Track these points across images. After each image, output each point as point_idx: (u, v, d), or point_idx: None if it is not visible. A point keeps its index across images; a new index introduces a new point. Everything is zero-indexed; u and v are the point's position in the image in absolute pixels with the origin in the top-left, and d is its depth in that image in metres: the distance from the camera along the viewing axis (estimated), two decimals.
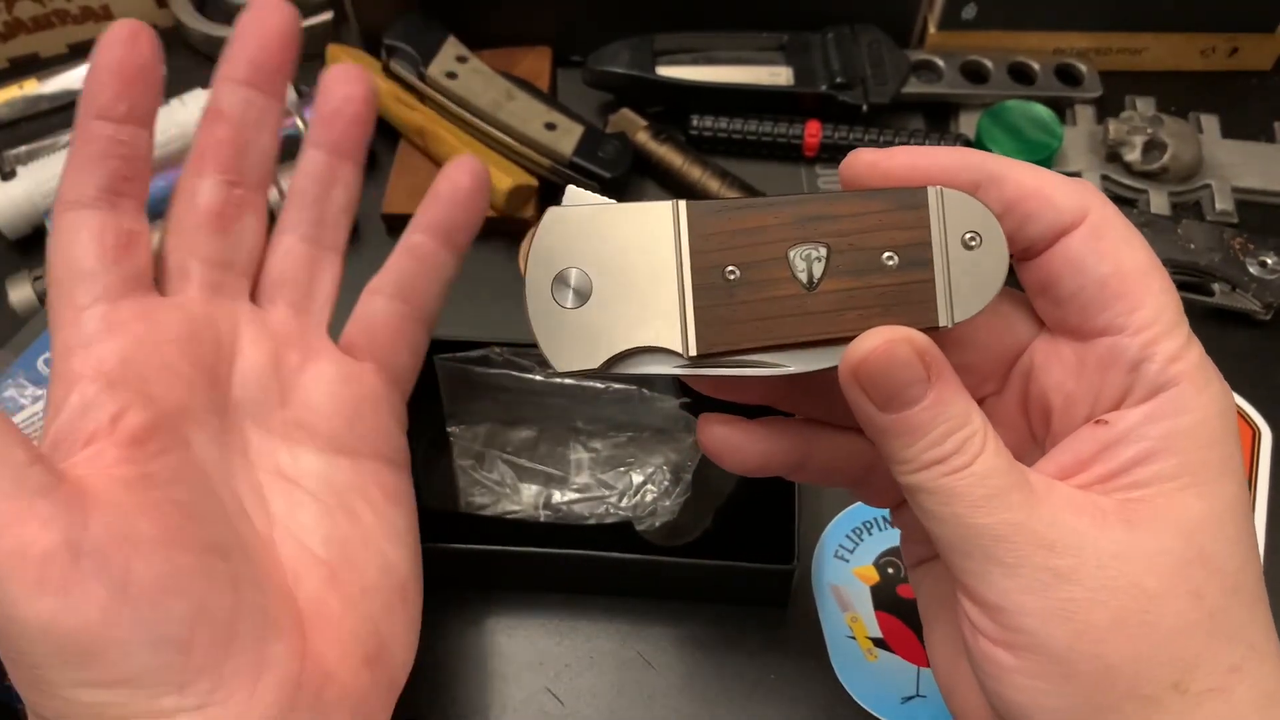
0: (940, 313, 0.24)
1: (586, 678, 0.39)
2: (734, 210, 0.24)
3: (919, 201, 0.24)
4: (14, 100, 0.57)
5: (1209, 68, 0.59)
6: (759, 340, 0.24)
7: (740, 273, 0.24)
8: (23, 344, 0.44)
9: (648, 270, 0.24)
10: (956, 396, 0.23)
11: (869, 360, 0.23)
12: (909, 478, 0.23)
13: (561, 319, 0.24)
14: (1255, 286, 0.48)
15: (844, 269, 0.24)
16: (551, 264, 0.24)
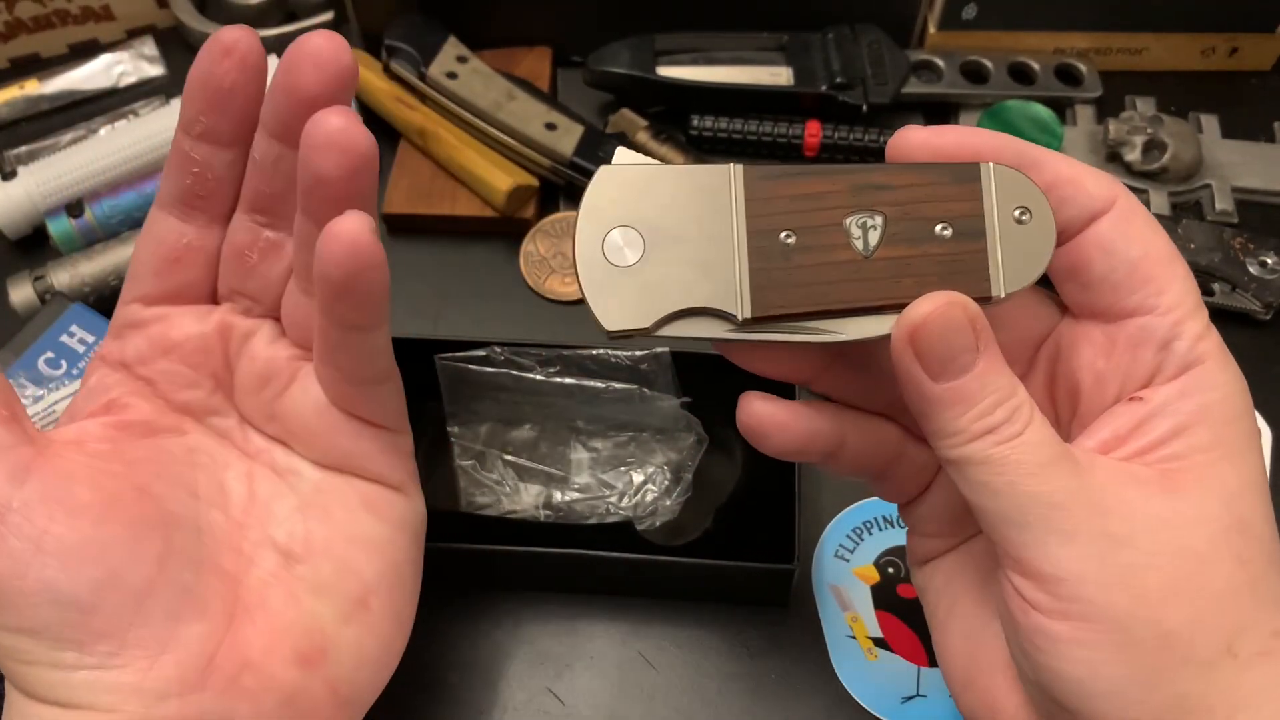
0: (994, 283, 0.24)
1: (587, 677, 0.39)
2: (791, 176, 0.24)
3: (973, 175, 0.24)
4: (14, 100, 0.58)
5: (1209, 68, 0.59)
6: (815, 304, 0.24)
7: (797, 238, 0.24)
8: (23, 344, 0.44)
9: (701, 232, 0.24)
10: (1003, 367, 0.24)
11: (927, 323, 0.23)
12: (960, 450, 0.24)
13: (612, 277, 0.24)
14: (1255, 286, 0.48)
15: (900, 237, 0.24)
16: (603, 221, 0.24)
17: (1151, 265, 0.25)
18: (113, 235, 0.50)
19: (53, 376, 0.43)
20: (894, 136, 0.26)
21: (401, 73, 0.53)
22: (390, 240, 0.53)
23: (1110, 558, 0.23)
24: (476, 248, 0.52)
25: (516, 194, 0.51)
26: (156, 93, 0.58)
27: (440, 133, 0.52)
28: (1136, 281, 0.25)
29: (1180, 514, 0.23)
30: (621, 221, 0.24)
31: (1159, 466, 0.24)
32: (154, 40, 0.60)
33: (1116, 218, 0.25)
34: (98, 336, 0.44)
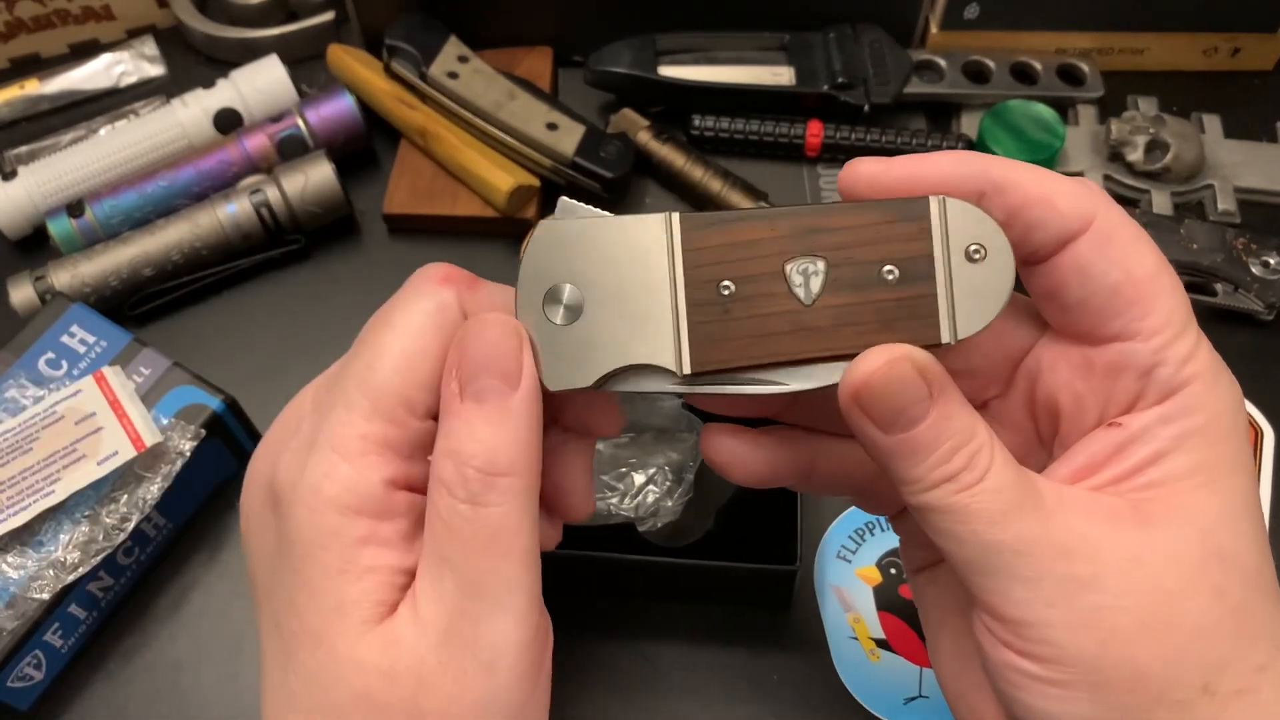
0: (943, 328, 0.23)
1: (588, 678, 0.39)
2: (728, 223, 0.23)
3: (920, 212, 0.23)
4: (15, 100, 0.57)
5: (1211, 68, 0.59)
6: (755, 358, 0.23)
7: (735, 287, 0.23)
8: (23, 344, 0.43)
9: (641, 285, 0.23)
10: (961, 411, 0.23)
11: (870, 383, 0.22)
12: (918, 498, 0.23)
13: (553, 336, 0.24)
14: (1258, 287, 0.48)
15: (843, 283, 0.23)
16: (543, 279, 0.24)
17: (1134, 288, 0.23)
18: (113, 235, 0.50)
19: (53, 377, 0.43)
20: (842, 171, 0.25)
21: (402, 72, 0.53)
22: (391, 240, 0.53)
23: (1076, 601, 0.22)
24: (477, 248, 0.52)
25: (518, 194, 0.50)
26: (157, 92, 0.58)
27: (441, 133, 0.52)
28: (1117, 306, 0.23)
29: (1152, 548, 0.22)
30: (562, 278, 0.24)
31: (1134, 496, 0.23)
32: (154, 40, 0.60)
33: (1094, 239, 0.23)
34: (98, 337, 0.44)
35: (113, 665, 0.41)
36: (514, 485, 0.23)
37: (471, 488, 0.22)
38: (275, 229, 0.51)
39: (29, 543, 0.38)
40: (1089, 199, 0.24)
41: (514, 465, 0.23)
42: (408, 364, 0.24)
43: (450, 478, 0.23)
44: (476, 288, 0.25)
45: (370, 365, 0.24)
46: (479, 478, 0.22)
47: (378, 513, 0.23)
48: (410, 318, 0.24)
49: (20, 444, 0.39)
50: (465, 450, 0.23)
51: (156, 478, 0.40)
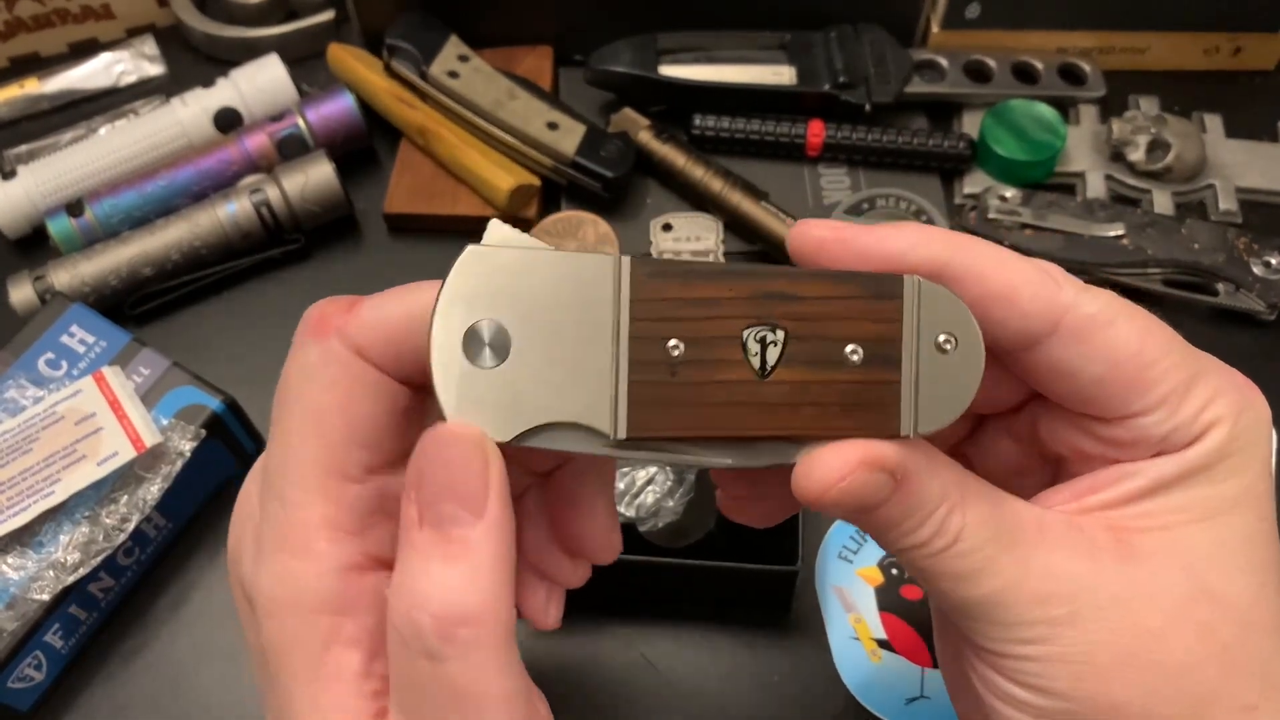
0: (903, 421, 0.21)
1: (589, 679, 0.39)
2: (685, 275, 0.21)
3: (893, 291, 0.21)
4: (14, 99, 0.57)
5: (1213, 67, 0.58)
6: (699, 429, 0.21)
7: (685, 348, 0.21)
8: (23, 344, 0.43)
9: (578, 332, 0.21)
10: (929, 481, 0.22)
11: (831, 494, 0.21)
12: (894, 554, 0.23)
13: (471, 378, 0.20)
14: (1259, 287, 0.48)
15: (802, 358, 0.21)
16: (466, 312, 0.21)
17: (1122, 374, 0.22)
18: (113, 235, 0.50)
19: (53, 377, 0.42)
20: (791, 231, 0.23)
21: (403, 72, 0.53)
22: (391, 240, 0.53)
23: (1050, 642, 0.22)
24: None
25: (518, 193, 0.50)
26: (157, 92, 0.58)
27: (442, 132, 0.52)
28: (1108, 396, 0.22)
29: (1133, 585, 0.22)
30: (487, 313, 0.21)
31: (1124, 525, 0.23)
32: (154, 39, 0.60)
33: (1066, 339, 0.22)
34: (98, 337, 0.44)
35: (113, 666, 0.41)
36: (478, 635, 0.20)
37: (428, 642, 0.20)
38: (275, 228, 0.51)
39: (29, 543, 0.38)
40: (1056, 296, 0.22)
41: (477, 611, 0.20)
42: (319, 436, 0.22)
43: (403, 625, 0.20)
44: (356, 311, 0.22)
45: (285, 452, 0.22)
46: (436, 628, 0.20)
47: (339, 607, 0.21)
48: (301, 387, 0.22)
49: (20, 444, 0.39)
50: (419, 592, 0.20)
51: (156, 478, 0.40)
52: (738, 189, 0.51)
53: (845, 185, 0.54)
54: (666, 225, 0.52)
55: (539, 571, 0.27)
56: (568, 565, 0.26)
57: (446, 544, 0.20)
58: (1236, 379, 0.23)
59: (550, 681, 0.39)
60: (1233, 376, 0.23)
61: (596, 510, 0.26)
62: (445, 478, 0.20)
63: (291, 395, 0.22)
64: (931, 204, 0.53)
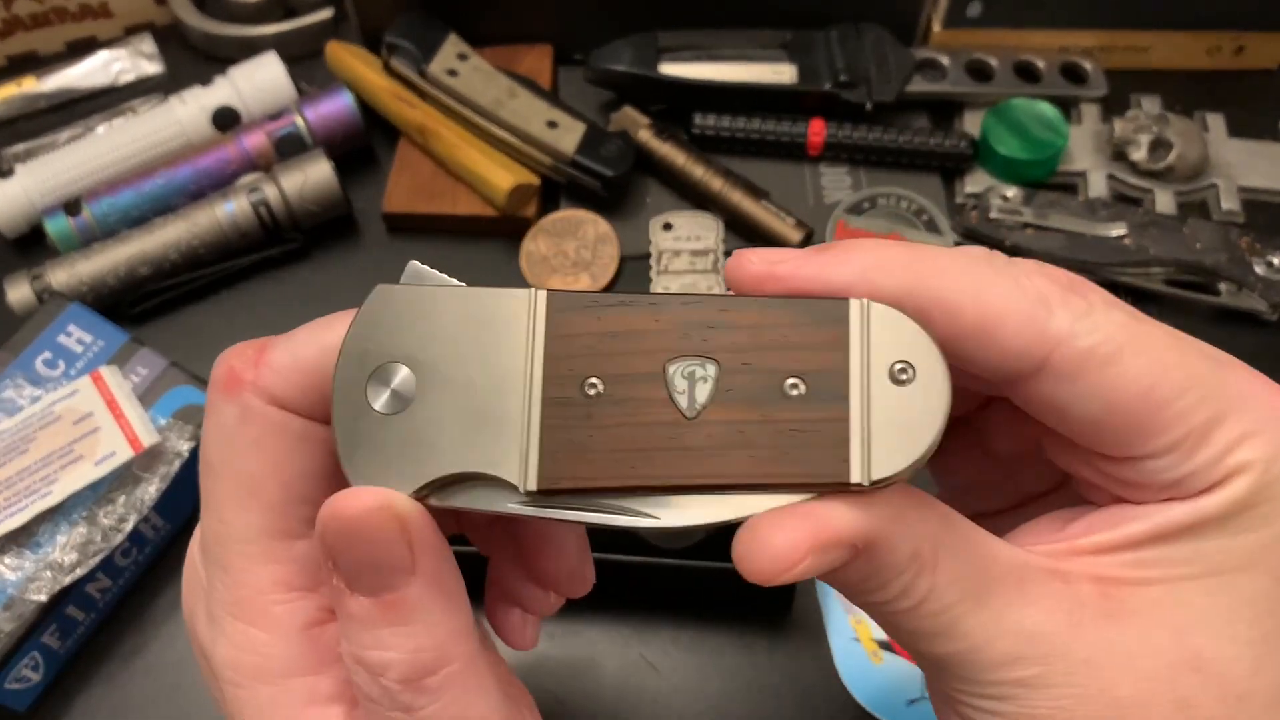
0: (854, 465, 0.18)
1: (589, 680, 0.39)
2: (604, 308, 0.19)
3: (837, 316, 0.19)
4: (12, 98, 0.57)
5: (1215, 66, 0.58)
6: (619, 478, 0.19)
7: (604, 387, 0.19)
8: (21, 344, 0.43)
9: (489, 375, 0.19)
10: (898, 545, 0.19)
11: (777, 580, 0.19)
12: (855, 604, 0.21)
13: (372, 425, 0.19)
14: (1261, 286, 0.48)
15: (736, 394, 0.19)
16: (372, 355, 0.19)
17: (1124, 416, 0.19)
18: (111, 234, 0.50)
19: (50, 376, 0.42)
20: (728, 263, 0.20)
21: (402, 70, 0.53)
22: (390, 239, 0.53)
23: (1019, 701, 0.20)
24: (477, 246, 0.52)
25: (518, 192, 0.50)
26: (155, 90, 0.58)
27: (441, 131, 0.52)
28: (1109, 438, 0.20)
29: (1110, 649, 0.20)
30: (394, 356, 0.19)
31: (1114, 577, 0.20)
32: (152, 38, 0.60)
33: (1056, 377, 0.19)
34: (95, 336, 0.44)
35: (111, 667, 0.41)
36: (447, 677, 0.19)
37: (399, 700, 0.19)
38: (274, 228, 0.51)
39: (26, 544, 0.38)
40: (1045, 324, 0.19)
41: (438, 659, 0.19)
42: (254, 500, 0.20)
43: (372, 692, 0.19)
44: (266, 359, 0.21)
45: (221, 520, 0.21)
46: (403, 690, 0.19)
47: (309, 667, 0.21)
48: (224, 451, 0.21)
49: (17, 444, 0.39)
50: (375, 662, 0.19)
51: (154, 478, 0.40)
52: (738, 188, 0.51)
53: (846, 184, 0.54)
54: (667, 224, 0.52)
55: (509, 598, 0.26)
56: (539, 594, 0.25)
57: (386, 610, 0.19)
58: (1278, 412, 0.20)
59: (550, 681, 0.39)
60: (1274, 411, 0.20)
61: (566, 547, 0.25)
62: (360, 553, 0.19)
63: (217, 461, 0.21)
64: (933, 203, 0.53)
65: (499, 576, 0.26)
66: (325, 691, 0.21)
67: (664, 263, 0.51)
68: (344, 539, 0.19)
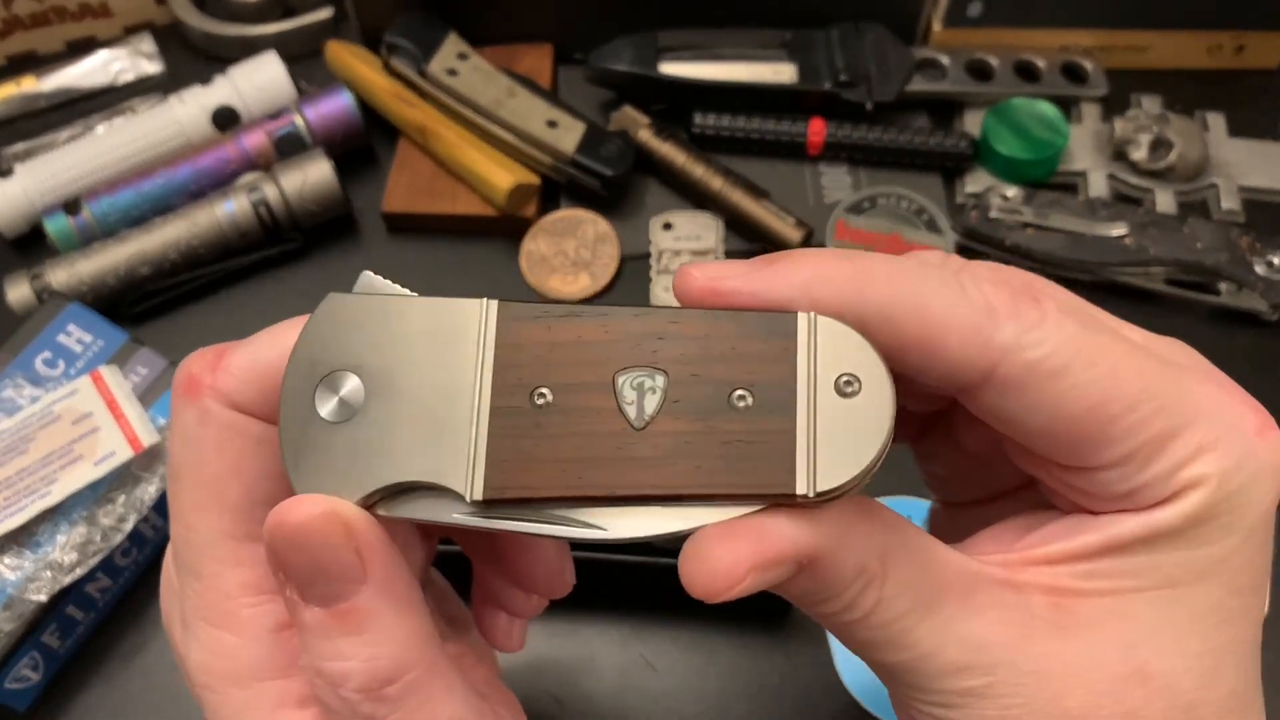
0: (799, 476, 0.18)
1: (589, 681, 0.39)
2: (555, 318, 0.19)
3: (785, 329, 0.19)
4: (11, 98, 0.57)
5: (1216, 66, 0.58)
6: (566, 488, 0.19)
7: (553, 396, 0.19)
8: (20, 343, 0.43)
9: (438, 383, 0.19)
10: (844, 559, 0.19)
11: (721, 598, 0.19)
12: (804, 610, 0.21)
13: (318, 433, 0.19)
14: (1262, 286, 0.48)
15: (683, 405, 0.19)
16: (321, 363, 0.19)
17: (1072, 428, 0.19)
18: (110, 234, 0.50)
19: (50, 376, 0.42)
20: (675, 278, 0.20)
21: (402, 70, 0.53)
22: (390, 239, 0.53)
23: (968, 709, 0.20)
24: (477, 246, 0.52)
25: (518, 192, 0.50)
26: (154, 90, 0.58)
27: (441, 130, 0.52)
28: (1057, 447, 0.20)
29: (1059, 659, 0.20)
30: (343, 364, 0.19)
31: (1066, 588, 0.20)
32: (152, 37, 0.60)
33: (1001, 389, 0.19)
34: (95, 336, 0.44)
35: (110, 667, 0.41)
36: (408, 683, 0.19)
37: (360, 711, 0.19)
38: (273, 227, 0.50)
39: (26, 544, 0.38)
40: (990, 335, 0.19)
41: (398, 665, 0.19)
42: (218, 504, 0.21)
43: (334, 704, 0.19)
44: (225, 364, 0.21)
45: (188, 525, 0.21)
46: (364, 700, 0.19)
47: (281, 670, 0.20)
48: (186, 456, 0.21)
49: (17, 444, 0.39)
50: (334, 673, 0.19)
51: (154, 478, 0.40)
52: (738, 188, 0.51)
53: (846, 184, 0.54)
54: (666, 224, 0.52)
55: (496, 602, 0.26)
56: (521, 598, 0.25)
57: (340, 619, 0.19)
58: (1245, 424, 0.20)
59: (549, 681, 0.39)
60: (1240, 422, 0.20)
61: (543, 550, 0.25)
62: (309, 562, 0.19)
63: (180, 465, 0.21)
64: (933, 203, 0.53)
65: (483, 580, 0.26)
66: (297, 693, 0.21)
67: (664, 262, 0.51)
68: (290, 548, 0.19)
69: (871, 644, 0.20)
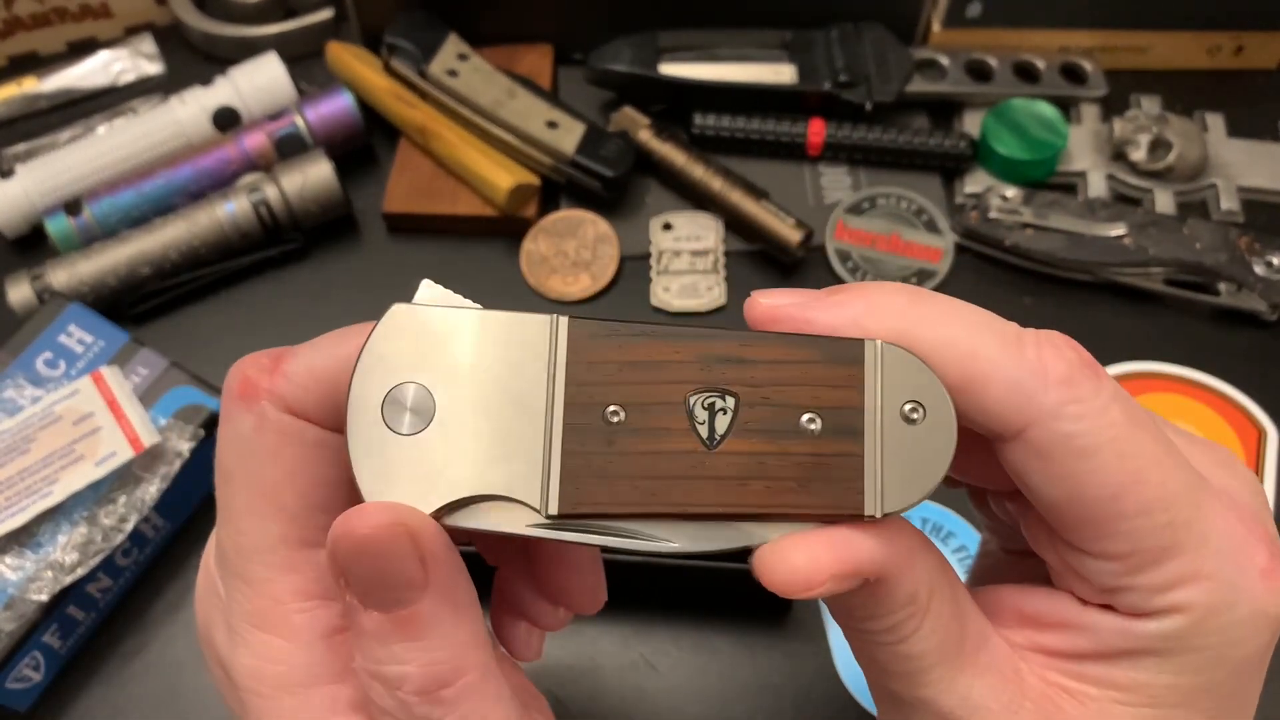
0: (868, 498, 0.19)
1: (589, 681, 0.39)
2: (627, 337, 0.20)
3: (853, 355, 0.20)
4: (12, 98, 0.57)
5: (1215, 66, 0.58)
6: (639, 504, 0.19)
7: (625, 415, 0.19)
8: (21, 344, 0.43)
9: (509, 398, 0.19)
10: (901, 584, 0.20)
11: (799, 597, 0.19)
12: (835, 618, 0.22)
13: (389, 445, 0.19)
14: (1261, 286, 0.48)
15: (754, 427, 0.19)
16: (387, 373, 0.19)
17: (1082, 510, 0.19)
18: (111, 234, 0.50)
19: (51, 377, 0.42)
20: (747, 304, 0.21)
21: (402, 70, 0.53)
22: (390, 239, 0.53)
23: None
24: (477, 246, 0.52)
25: (518, 192, 0.50)
26: (155, 90, 0.58)
27: (441, 131, 0.52)
28: (1064, 522, 0.20)
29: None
30: (410, 376, 0.19)
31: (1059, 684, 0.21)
32: (153, 38, 0.60)
33: (1026, 450, 0.19)
34: (96, 336, 0.44)
35: (111, 667, 0.41)
36: (463, 687, 0.19)
37: (415, 713, 0.19)
38: (274, 228, 0.51)
39: (27, 544, 0.38)
40: (1033, 395, 0.19)
41: (454, 670, 0.19)
42: (274, 510, 0.21)
43: (388, 706, 0.19)
44: (283, 369, 0.21)
45: (239, 530, 0.21)
46: (419, 702, 0.19)
47: (331, 676, 0.21)
48: (241, 461, 0.21)
49: (18, 444, 0.39)
50: (392, 676, 0.19)
51: (155, 478, 0.40)
52: (738, 188, 0.51)
53: (846, 184, 0.54)
54: (666, 224, 0.52)
55: (519, 613, 0.26)
56: (549, 611, 0.25)
57: (400, 625, 0.19)
58: (1252, 563, 0.20)
59: (550, 682, 0.39)
60: (1247, 559, 0.20)
61: (580, 564, 0.25)
62: (372, 570, 0.19)
63: (233, 470, 0.21)
64: (932, 203, 0.53)
65: (508, 590, 0.26)
66: (347, 699, 0.21)
67: (664, 263, 0.51)
68: (355, 557, 0.19)
69: (888, 670, 0.21)
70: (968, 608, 0.21)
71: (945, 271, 0.51)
